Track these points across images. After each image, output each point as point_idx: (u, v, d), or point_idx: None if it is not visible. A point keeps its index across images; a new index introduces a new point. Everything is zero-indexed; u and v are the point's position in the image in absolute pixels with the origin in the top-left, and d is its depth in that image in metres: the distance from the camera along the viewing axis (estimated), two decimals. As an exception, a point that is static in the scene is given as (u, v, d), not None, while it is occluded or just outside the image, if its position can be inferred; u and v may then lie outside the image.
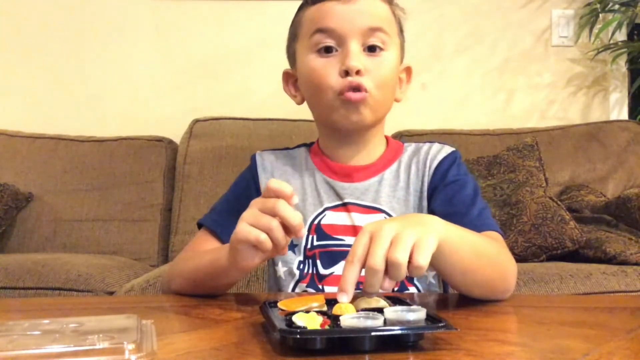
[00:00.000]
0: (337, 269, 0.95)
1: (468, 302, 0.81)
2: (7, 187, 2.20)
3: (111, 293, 1.68)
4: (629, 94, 2.66)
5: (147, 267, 2.04)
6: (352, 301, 0.64)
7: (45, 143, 2.39)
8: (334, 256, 0.96)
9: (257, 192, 1.01)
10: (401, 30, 1.02)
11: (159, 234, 2.27)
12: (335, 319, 0.60)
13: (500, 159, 2.09)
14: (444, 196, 0.96)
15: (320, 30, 0.94)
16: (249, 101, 2.53)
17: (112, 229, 2.25)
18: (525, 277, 1.59)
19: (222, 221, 0.98)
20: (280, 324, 0.58)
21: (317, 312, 0.62)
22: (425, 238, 0.65)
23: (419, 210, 0.98)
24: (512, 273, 0.86)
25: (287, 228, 0.74)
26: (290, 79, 1.03)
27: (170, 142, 2.44)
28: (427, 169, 1.00)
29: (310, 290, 0.96)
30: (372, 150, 1.03)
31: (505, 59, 2.63)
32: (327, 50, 0.94)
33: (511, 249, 1.84)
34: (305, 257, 0.97)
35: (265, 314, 0.63)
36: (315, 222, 0.98)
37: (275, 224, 0.73)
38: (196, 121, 2.42)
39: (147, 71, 2.59)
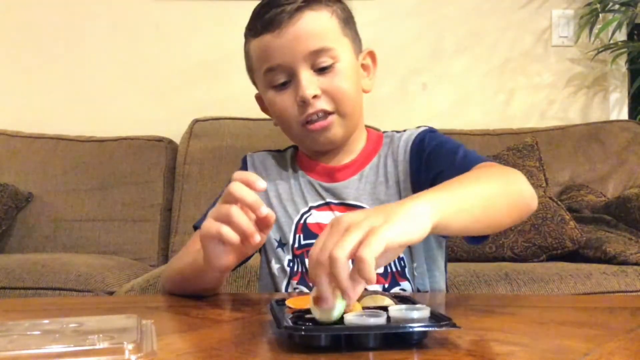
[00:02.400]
0: None
1: (468, 302, 0.81)
2: (7, 187, 2.20)
3: (111, 293, 1.68)
4: (629, 94, 2.66)
5: (147, 267, 2.04)
6: (358, 299, 0.65)
7: (45, 143, 2.39)
8: None
9: None
10: (348, 24, 0.98)
11: (159, 234, 2.27)
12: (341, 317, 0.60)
13: (500, 159, 2.09)
14: (427, 165, 0.94)
15: (269, 70, 0.95)
16: (249, 101, 2.50)
17: (112, 229, 2.25)
18: (525, 277, 1.59)
19: None
20: (286, 321, 0.59)
21: None
22: (381, 230, 0.58)
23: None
24: (521, 186, 0.82)
25: (260, 221, 0.73)
26: (263, 103, 1.04)
27: (170, 142, 2.44)
28: (403, 155, 0.99)
29: (302, 287, 0.97)
30: (352, 147, 1.03)
31: (505, 59, 2.63)
32: (283, 84, 0.95)
33: (511, 249, 1.85)
34: (294, 255, 0.99)
35: (272, 312, 0.64)
36: (302, 221, 1.00)
37: (234, 210, 0.72)
38: (196, 121, 2.42)
39: (147, 71, 2.59)
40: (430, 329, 0.58)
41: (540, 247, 1.84)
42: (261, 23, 0.94)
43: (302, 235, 0.99)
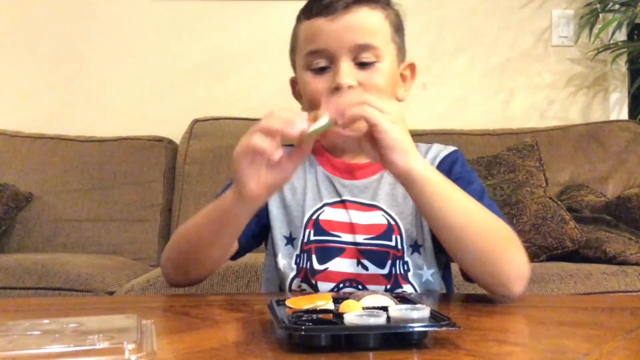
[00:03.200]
0: (332, 265, 0.96)
1: (469, 302, 0.82)
2: (7, 187, 2.20)
3: (111, 293, 1.67)
4: (629, 94, 2.66)
5: (147, 267, 2.04)
6: (358, 299, 0.65)
7: (45, 143, 2.39)
8: (329, 252, 0.96)
9: None
10: (398, 31, 1.01)
11: (159, 234, 2.27)
12: (340, 317, 0.60)
13: (500, 159, 2.09)
14: None
15: (312, 52, 0.96)
16: (249, 101, 2.53)
17: (112, 229, 2.24)
18: (525, 277, 1.59)
19: None
20: (286, 320, 0.59)
21: (323, 310, 0.63)
22: (390, 116, 0.75)
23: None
24: (515, 258, 0.83)
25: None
26: (297, 86, 1.04)
27: (170, 142, 2.44)
28: None
29: (304, 285, 0.97)
30: None
31: (505, 59, 2.63)
32: (322, 69, 0.96)
33: (511, 249, 1.85)
34: (302, 251, 0.98)
35: (272, 312, 0.64)
36: (314, 217, 0.99)
37: (275, 118, 0.73)
38: (196, 121, 2.42)
39: (147, 71, 2.59)
40: (430, 329, 0.58)
41: (540, 247, 1.84)
42: (317, 7, 0.96)
43: (312, 231, 0.98)
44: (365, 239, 0.96)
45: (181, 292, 1.13)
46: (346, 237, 0.97)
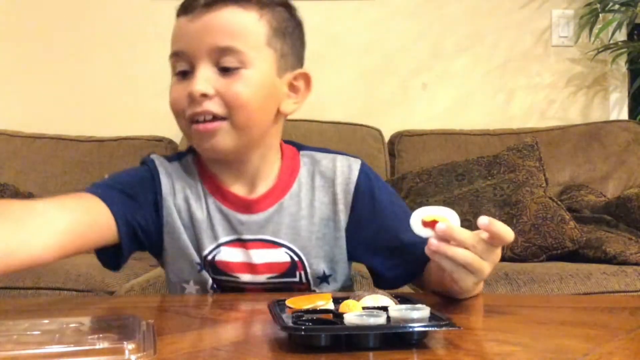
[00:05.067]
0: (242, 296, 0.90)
1: (468, 302, 0.81)
2: (7, 187, 2.20)
3: (111, 293, 1.67)
4: (629, 94, 2.66)
5: (147, 267, 2.04)
6: (358, 299, 0.65)
7: (45, 143, 2.39)
8: (232, 289, 0.91)
9: (158, 195, 0.92)
10: (280, 35, 0.88)
11: (159, 234, 2.26)
12: (340, 317, 0.60)
13: (500, 159, 2.08)
14: (382, 224, 0.91)
15: (174, 54, 0.90)
16: (249, 101, 2.53)
17: (112, 229, 2.24)
18: (525, 277, 1.59)
19: (112, 194, 0.89)
20: (286, 321, 0.59)
21: (323, 310, 0.63)
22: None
23: (333, 239, 0.92)
24: None
25: None
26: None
27: (170, 142, 2.44)
28: (344, 197, 0.92)
29: None
30: (267, 173, 0.92)
31: (505, 59, 2.63)
32: (184, 74, 0.89)
33: (511, 249, 1.85)
34: (214, 281, 0.92)
35: (272, 312, 0.64)
36: (209, 257, 0.90)
37: None
38: (196, 121, 2.41)
39: (147, 71, 2.58)
40: (430, 329, 0.58)
41: (540, 247, 1.84)
42: (182, 4, 0.90)
43: (211, 270, 0.91)
44: (268, 278, 0.90)
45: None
46: (245, 277, 0.90)
